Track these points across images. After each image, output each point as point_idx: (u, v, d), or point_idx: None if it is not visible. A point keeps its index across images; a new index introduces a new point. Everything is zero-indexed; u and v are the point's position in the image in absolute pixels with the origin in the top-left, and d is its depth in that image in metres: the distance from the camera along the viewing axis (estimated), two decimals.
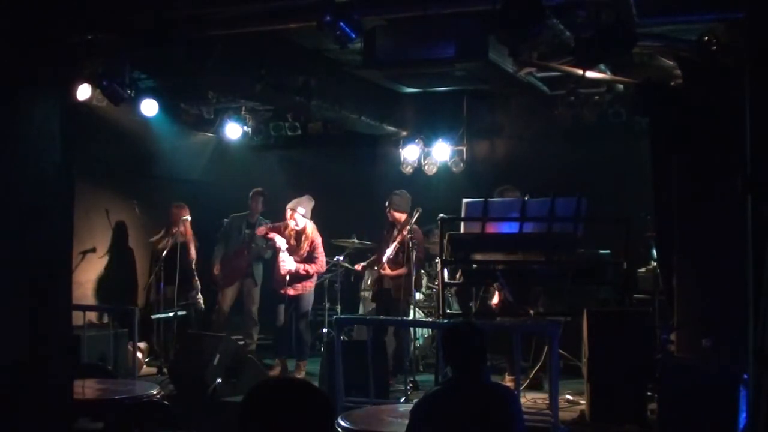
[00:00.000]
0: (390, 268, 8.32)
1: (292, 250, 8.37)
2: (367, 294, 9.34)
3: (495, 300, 7.68)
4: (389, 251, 8.21)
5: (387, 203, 8.39)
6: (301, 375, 8.29)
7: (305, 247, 8.34)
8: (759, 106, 3.73)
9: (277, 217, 8.85)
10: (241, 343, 8.67)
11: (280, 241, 8.34)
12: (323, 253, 8.46)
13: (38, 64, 4.07)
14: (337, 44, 6.07)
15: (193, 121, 10.29)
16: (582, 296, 7.29)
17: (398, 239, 8.20)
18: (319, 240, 8.42)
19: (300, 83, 7.97)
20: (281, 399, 2.17)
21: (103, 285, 9.39)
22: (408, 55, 6.88)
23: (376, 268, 8.66)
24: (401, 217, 8.32)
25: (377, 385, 6.42)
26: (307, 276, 8.38)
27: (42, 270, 4.12)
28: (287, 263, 8.29)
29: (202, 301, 9.23)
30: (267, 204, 9.30)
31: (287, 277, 8.34)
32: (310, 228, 8.37)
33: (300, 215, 8.28)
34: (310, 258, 8.37)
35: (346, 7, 5.76)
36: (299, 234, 8.37)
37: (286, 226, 8.45)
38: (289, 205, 8.38)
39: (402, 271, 8.21)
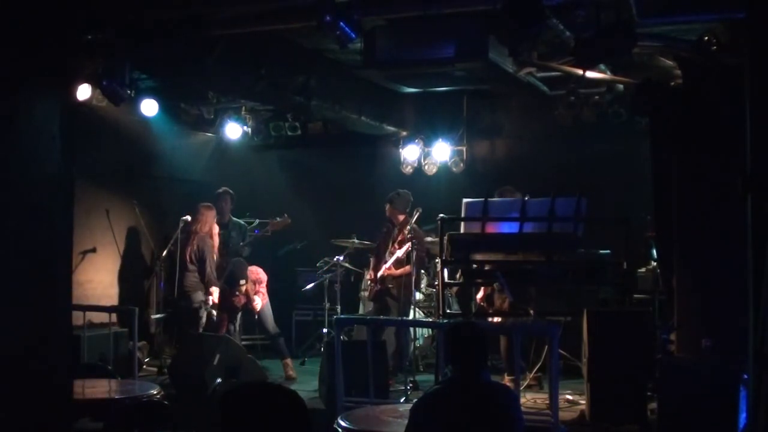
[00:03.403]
0: (395, 267, 8.33)
1: None
2: (367, 293, 9.33)
3: (479, 295, 7.76)
4: (399, 252, 8.17)
5: (388, 202, 8.41)
6: (290, 372, 8.40)
7: None
8: (759, 106, 3.72)
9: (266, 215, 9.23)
10: None
11: None
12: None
13: (38, 64, 4.06)
14: (337, 44, 6.09)
15: (193, 121, 10.30)
16: (582, 296, 7.30)
17: (399, 238, 8.23)
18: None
19: (300, 83, 7.97)
20: (254, 403, 2.16)
21: (102, 285, 9.39)
22: (408, 55, 6.88)
23: (374, 268, 8.67)
24: (401, 217, 8.34)
25: (377, 385, 6.41)
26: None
27: (42, 270, 4.11)
28: None
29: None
30: (234, 203, 9.35)
31: None
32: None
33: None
34: None
35: (346, 7, 5.76)
36: None
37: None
38: None
39: (406, 269, 8.21)
